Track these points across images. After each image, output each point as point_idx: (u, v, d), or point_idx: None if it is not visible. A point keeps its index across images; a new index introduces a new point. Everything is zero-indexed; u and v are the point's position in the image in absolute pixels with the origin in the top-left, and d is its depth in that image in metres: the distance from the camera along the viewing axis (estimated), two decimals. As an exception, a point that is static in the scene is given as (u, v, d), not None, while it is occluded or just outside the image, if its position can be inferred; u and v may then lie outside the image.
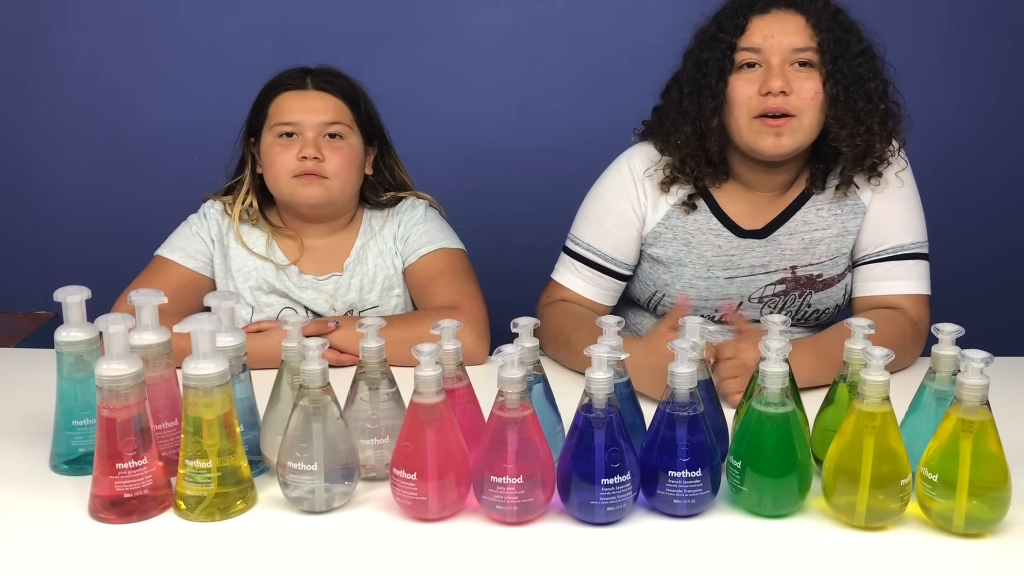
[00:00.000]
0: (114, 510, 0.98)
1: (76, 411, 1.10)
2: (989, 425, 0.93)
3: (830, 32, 1.43)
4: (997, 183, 2.49)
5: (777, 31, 1.43)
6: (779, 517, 1.00)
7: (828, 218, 1.54)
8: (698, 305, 1.57)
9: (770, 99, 1.41)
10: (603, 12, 2.37)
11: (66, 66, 2.46)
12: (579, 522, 0.98)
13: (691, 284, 1.56)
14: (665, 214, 1.56)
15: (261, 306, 1.64)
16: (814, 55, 1.43)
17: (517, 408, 0.95)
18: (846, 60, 1.43)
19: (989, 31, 2.40)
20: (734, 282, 1.55)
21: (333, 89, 1.60)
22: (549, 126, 2.43)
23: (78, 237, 2.55)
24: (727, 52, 1.45)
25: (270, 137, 1.59)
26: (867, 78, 1.45)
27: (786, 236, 1.54)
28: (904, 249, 1.53)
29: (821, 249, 1.54)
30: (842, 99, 1.43)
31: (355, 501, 1.04)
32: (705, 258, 1.55)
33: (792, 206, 1.55)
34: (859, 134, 1.45)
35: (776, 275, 1.55)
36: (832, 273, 1.55)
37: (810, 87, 1.42)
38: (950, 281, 2.31)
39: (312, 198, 1.58)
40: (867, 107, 1.44)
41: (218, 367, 0.97)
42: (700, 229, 1.55)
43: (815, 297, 1.56)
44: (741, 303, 1.55)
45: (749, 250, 1.55)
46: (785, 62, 1.42)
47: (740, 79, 1.45)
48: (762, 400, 0.98)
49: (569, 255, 1.62)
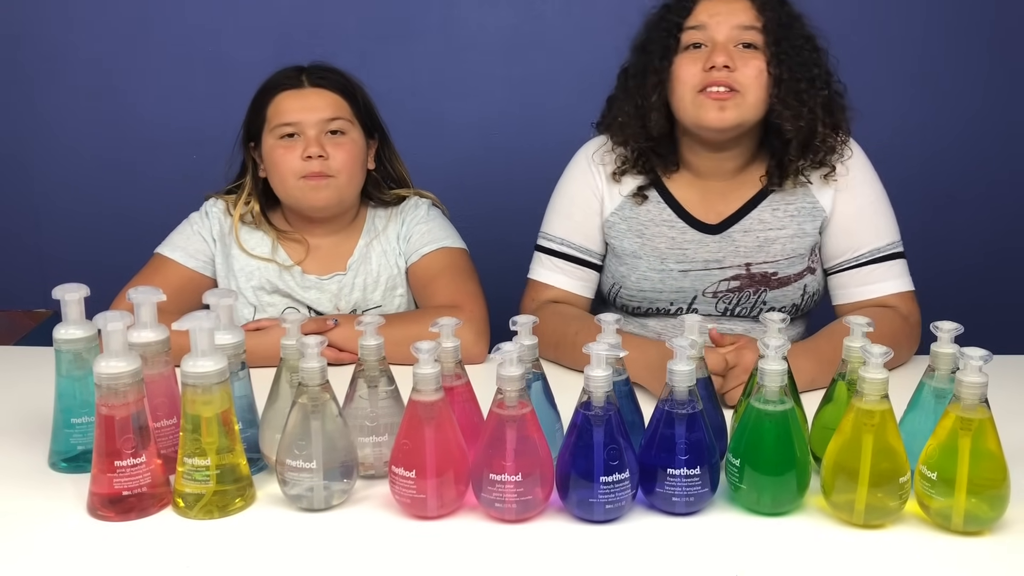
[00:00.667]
0: (113, 508, 0.98)
1: (75, 409, 1.10)
2: (988, 423, 0.93)
3: (774, 14, 1.46)
4: (984, 181, 2.50)
5: (723, 10, 1.46)
6: (778, 515, 1.00)
7: (783, 218, 1.54)
8: (652, 298, 1.57)
9: (714, 73, 1.43)
10: (603, 10, 2.37)
11: (66, 63, 2.45)
12: (578, 520, 0.98)
13: (645, 276, 1.56)
14: (619, 205, 1.58)
15: (264, 306, 1.64)
16: (758, 36, 1.45)
17: (516, 406, 0.95)
18: (789, 42, 1.45)
19: (974, 30, 2.40)
20: (688, 275, 1.55)
21: (330, 85, 1.59)
22: (550, 125, 2.42)
23: (77, 235, 2.55)
24: (672, 32, 1.48)
25: (272, 140, 1.58)
26: (810, 63, 1.46)
27: (741, 233, 1.54)
28: (881, 252, 1.53)
29: (776, 248, 1.54)
30: (786, 78, 1.44)
31: (354, 499, 1.04)
32: (659, 250, 1.55)
33: (749, 204, 1.55)
34: (802, 115, 1.45)
35: (730, 271, 1.55)
36: (788, 272, 1.55)
37: (754, 65, 1.44)
38: (943, 279, 2.31)
39: (322, 201, 1.58)
40: (810, 89, 1.46)
41: (217, 365, 0.97)
42: (653, 220, 1.56)
43: (770, 295, 1.56)
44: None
45: (703, 244, 1.55)
46: (730, 41, 1.44)
47: (685, 58, 1.46)
48: (761, 398, 0.98)
49: (544, 252, 1.62)
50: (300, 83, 1.58)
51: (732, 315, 1.57)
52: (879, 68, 2.31)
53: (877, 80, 2.32)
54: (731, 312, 1.57)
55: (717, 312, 1.57)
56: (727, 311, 1.57)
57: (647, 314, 1.61)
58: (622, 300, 1.60)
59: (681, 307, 1.58)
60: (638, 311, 1.60)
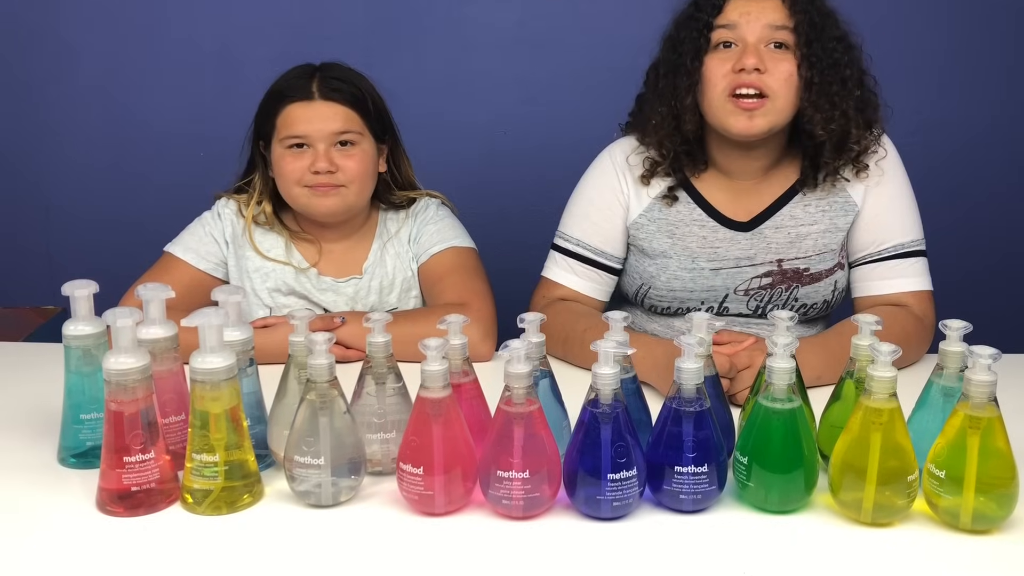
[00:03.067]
0: (121, 503, 0.99)
1: (84, 405, 1.10)
2: (997, 422, 0.93)
3: (806, 14, 1.43)
4: (1006, 179, 2.48)
5: (754, 9, 1.44)
6: (785, 513, 1.00)
7: (815, 214, 1.53)
8: (683, 297, 1.57)
9: (743, 75, 1.41)
10: (612, 6, 2.37)
11: (73, 63, 2.46)
12: (585, 517, 0.98)
13: (676, 276, 1.55)
14: (647, 206, 1.56)
15: (279, 308, 1.63)
16: (789, 36, 1.43)
17: (523, 403, 0.95)
18: (821, 44, 1.43)
19: (995, 26, 2.38)
20: (719, 274, 1.55)
21: (341, 97, 1.56)
22: (559, 123, 2.43)
23: (85, 233, 2.56)
24: (703, 31, 1.46)
25: (280, 149, 1.57)
26: (842, 64, 1.44)
27: (772, 229, 1.54)
28: (904, 248, 1.52)
29: (808, 244, 1.54)
30: (816, 82, 1.43)
31: (361, 495, 1.04)
32: (690, 249, 1.55)
33: (780, 200, 1.54)
34: (834, 119, 1.44)
35: (762, 268, 1.54)
36: (819, 268, 1.54)
37: (784, 68, 1.42)
38: (958, 277, 2.30)
39: (328, 208, 1.58)
40: (842, 91, 1.44)
41: (225, 361, 0.97)
42: (684, 220, 1.55)
43: (802, 291, 1.55)
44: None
45: (734, 242, 1.54)
46: (760, 41, 1.43)
47: (715, 58, 1.45)
48: (769, 396, 0.98)
49: (559, 252, 1.61)
50: (310, 94, 1.55)
51: (764, 315, 1.56)
52: (902, 64, 2.30)
53: (900, 76, 2.31)
54: (763, 310, 1.56)
55: (748, 310, 1.56)
56: (758, 309, 1.56)
57: (676, 314, 1.60)
58: (651, 300, 1.59)
59: (712, 306, 1.57)
60: (667, 311, 1.60)
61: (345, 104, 1.57)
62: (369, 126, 1.60)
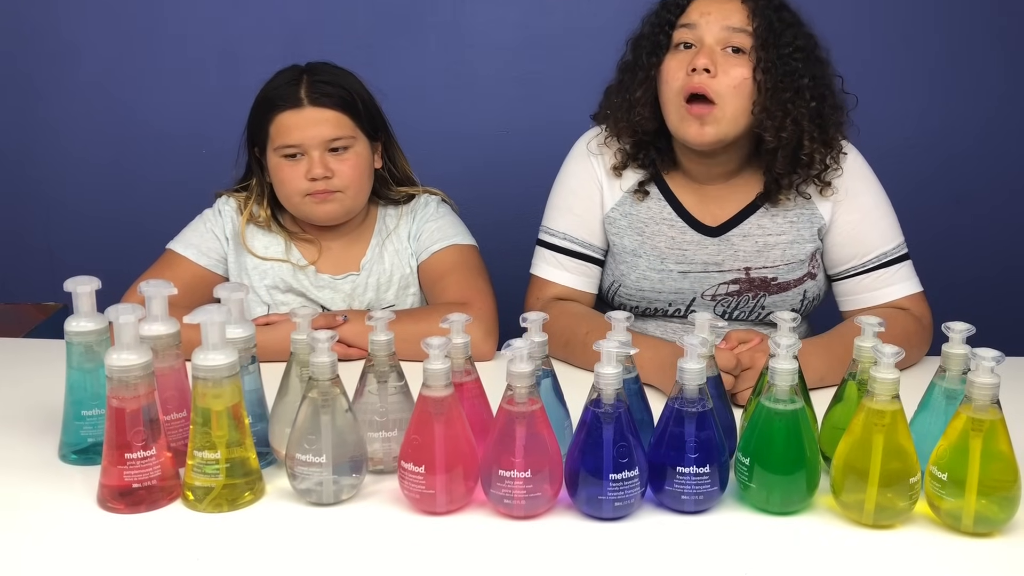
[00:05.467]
0: (123, 500, 0.99)
1: (85, 401, 1.10)
2: (999, 424, 0.93)
3: (767, 20, 1.43)
4: (1004, 182, 2.48)
5: (715, 10, 1.44)
6: (787, 514, 1.00)
7: (783, 224, 1.53)
8: (651, 298, 1.57)
9: (694, 76, 1.41)
10: (614, 6, 2.36)
11: (74, 61, 2.46)
12: (586, 517, 0.98)
13: (645, 276, 1.55)
14: (619, 200, 1.57)
15: (277, 305, 1.64)
16: (747, 39, 1.42)
17: (526, 402, 0.95)
18: (778, 50, 1.42)
19: (991, 30, 2.38)
20: (687, 277, 1.55)
21: (330, 102, 1.56)
22: (558, 122, 2.41)
23: (86, 230, 2.56)
24: (664, 28, 1.48)
25: (275, 157, 1.57)
26: (799, 73, 1.43)
27: (740, 237, 1.54)
28: (888, 256, 1.52)
29: (776, 254, 1.53)
30: (769, 88, 1.42)
31: (363, 494, 1.04)
32: (659, 249, 1.55)
33: (747, 209, 1.54)
34: (785, 127, 1.42)
35: (730, 275, 1.54)
36: (788, 278, 1.54)
37: (738, 73, 1.42)
38: (962, 280, 2.30)
39: (328, 213, 1.59)
40: (796, 99, 1.42)
41: (227, 358, 0.97)
42: (653, 218, 1.55)
43: (769, 300, 1.55)
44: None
45: (702, 246, 1.54)
46: (718, 43, 1.42)
47: (674, 58, 1.45)
48: (771, 397, 0.98)
49: (546, 247, 1.61)
50: (299, 101, 1.54)
51: (731, 319, 1.57)
52: (893, 70, 2.30)
53: (891, 82, 2.31)
54: (729, 316, 1.56)
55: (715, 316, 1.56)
56: (725, 314, 1.56)
57: (645, 314, 1.60)
58: (620, 299, 1.60)
59: (679, 308, 1.57)
60: (636, 311, 1.60)
61: (335, 108, 1.56)
62: (361, 127, 1.60)
